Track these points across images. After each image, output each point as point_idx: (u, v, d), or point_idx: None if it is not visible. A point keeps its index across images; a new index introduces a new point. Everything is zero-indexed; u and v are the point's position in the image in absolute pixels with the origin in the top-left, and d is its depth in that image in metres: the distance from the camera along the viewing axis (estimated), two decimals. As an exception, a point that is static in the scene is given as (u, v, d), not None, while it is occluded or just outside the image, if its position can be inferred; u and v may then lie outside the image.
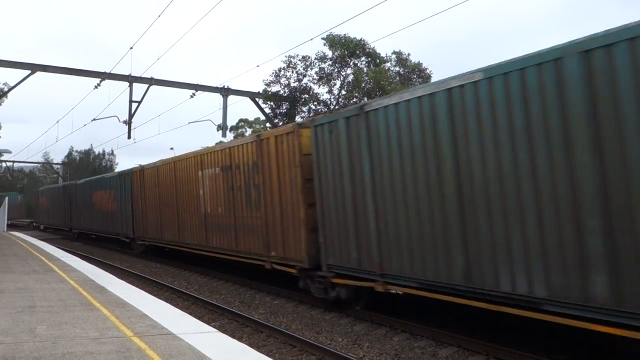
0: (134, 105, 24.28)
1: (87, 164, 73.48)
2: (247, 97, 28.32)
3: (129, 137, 25.18)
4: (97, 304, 8.12)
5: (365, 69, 29.53)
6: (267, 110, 30.32)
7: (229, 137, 39.01)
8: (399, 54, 30.58)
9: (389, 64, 30.30)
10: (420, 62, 30.73)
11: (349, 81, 29.46)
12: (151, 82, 24.50)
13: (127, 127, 24.80)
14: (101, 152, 76.54)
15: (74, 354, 5.29)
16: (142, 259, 21.48)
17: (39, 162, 69.12)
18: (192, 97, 25.42)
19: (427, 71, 30.58)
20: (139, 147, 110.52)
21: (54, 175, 71.03)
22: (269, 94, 29.62)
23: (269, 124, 31.92)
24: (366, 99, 27.74)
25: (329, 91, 30.13)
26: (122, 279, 12.07)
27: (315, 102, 30.26)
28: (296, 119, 29.04)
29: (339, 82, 29.90)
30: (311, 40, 21.34)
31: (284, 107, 30.30)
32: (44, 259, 15.78)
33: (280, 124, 28.83)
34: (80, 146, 79.63)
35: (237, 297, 12.80)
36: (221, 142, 27.01)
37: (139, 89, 24.59)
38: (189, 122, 30.12)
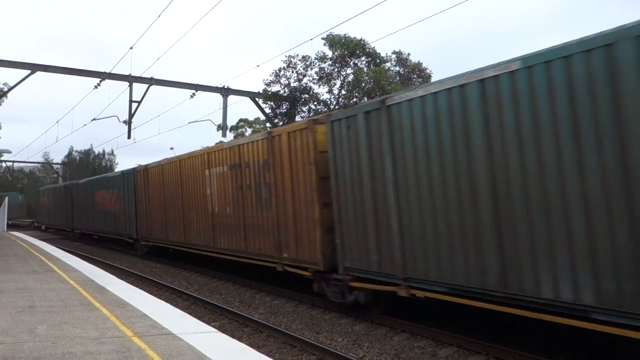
0: (134, 105, 24.28)
1: (87, 164, 73.58)
2: (247, 97, 28.33)
3: (129, 137, 25.18)
4: (97, 304, 8.12)
5: (365, 69, 29.56)
6: (267, 110, 30.34)
7: (229, 137, 39.11)
8: (399, 54, 30.63)
9: (389, 63, 30.36)
10: (420, 62, 30.83)
11: (349, 81, 29.50)
12: (151, 82, 24.51)
13: (127, 127, 24.81)
14: (101, 152, 76.76)
15: (74, 354, 5.29)
16: (142, 259, 21.45)
17: (39, 162, 69.17)
18: (192, 97, 25.45)
19: (427, 71, 30.65)
20: (138, 147, 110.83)
21: (54, 175, 71.06)
22: (269, 93, 29.65)
23: (269, 124, 31.92)
24: (366, 99, 27.75)
25: (329, 91, 30.20)
26: (122, 279, 12.07)
27: (315, 102, 30.29)
28: (296, 119, 29.06)
29: (339, 82, 29.95)
30: (311, 40, 21.28)
31: (284, 107, 30.33)
32: (44, 259, 15.79)
33: (280, 123, 28.84)
34: (80, 146, 79.86)
35: (237, 297, 12.80)
36: (221, 142, 26.99)
37: (139, 89, 24.63)
38: (189, 122, 30.16)
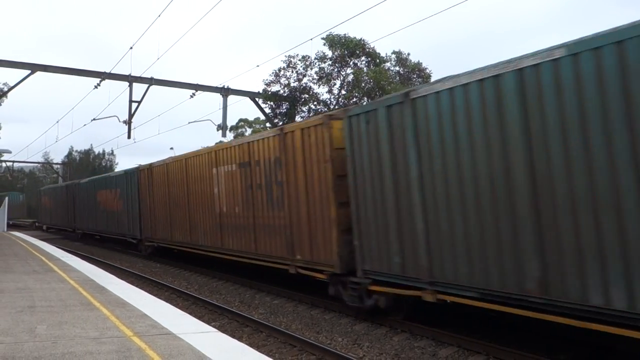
0: (134, 105, 24.27)
1: (87, 164, 73.58)
2: (247, 97, 28.33)
3: (129, 137, 25.17)
4: (97, 304, 8.12)
5: (365, 68, 29.56)
6: (267, 110, 30.34)
7: (229, 137, 39.09)
8: (398, 54, 30.62)
9: (388, 63, 30.36)
10: (420, 61, 30.82)
11: (349, 81, 29.50)
12: (151, 82, 24.50)
13: (127, 127, 24.81)
14: (101, 152, 76.72)
15: (74, 353, 5.29)
16: (142, 259, 21.42)
17: (39, 162, 69.17)
18: (192, 97, 25.46)
19: (427, 71, 30.65)
20: (138, 147, 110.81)
21: (54, 175, 71.07)
22: (269, 93, 29.65)
23: (268, 124, 31.94)
24: (366, 99, 27.78)
25: (329, 91, 30.21)
26: (122, 279, 12.06)
27: (315, 102, 30.30)
28: (296, 119, 29.07)
29: (338, 82, 29.96)
30: (311, 40, 21.28)
31: (284, 107, 30.33)
32: (44, 259, 15.78)
33: (280, 123, 28.84)
34: (80, 146, 79.82)
35: (237, 297, 12.80)
36: (221, 142, 27.00)
37: (139, 89, 24.62)
38: (189, 122, 30.14)
